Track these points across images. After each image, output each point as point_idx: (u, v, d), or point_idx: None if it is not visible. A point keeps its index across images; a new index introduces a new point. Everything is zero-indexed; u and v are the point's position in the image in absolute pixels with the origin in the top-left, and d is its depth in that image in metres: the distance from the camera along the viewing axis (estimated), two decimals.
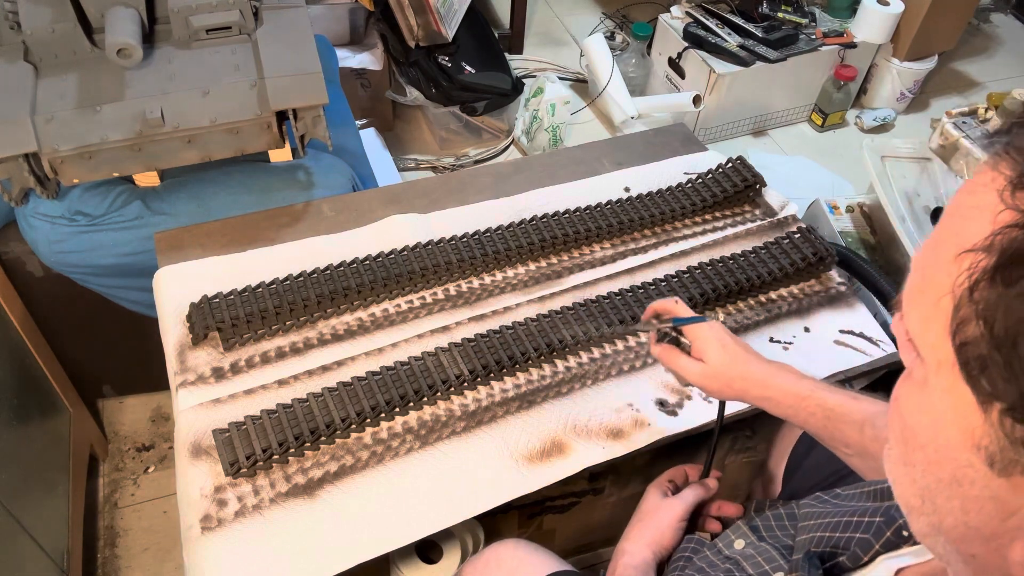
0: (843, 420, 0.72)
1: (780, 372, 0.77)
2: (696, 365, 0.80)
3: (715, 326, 0.81)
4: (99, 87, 1.02)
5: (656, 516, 0.82)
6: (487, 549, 0.90)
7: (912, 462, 0.40)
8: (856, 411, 0.72)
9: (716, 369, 0.78)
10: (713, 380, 0.79)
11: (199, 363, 0.98)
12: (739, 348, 0.79)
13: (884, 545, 0.57)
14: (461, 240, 1.13)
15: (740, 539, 0.70)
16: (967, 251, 0.34)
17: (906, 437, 0.40)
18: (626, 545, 0.81)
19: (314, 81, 1.06)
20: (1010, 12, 2.98)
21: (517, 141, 2.24)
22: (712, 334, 0.80)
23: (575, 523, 1.19)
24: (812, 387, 0.75)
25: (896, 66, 2.33)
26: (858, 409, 0.72)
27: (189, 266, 1.09)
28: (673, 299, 0.84)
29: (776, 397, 0.76)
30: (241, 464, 0.86)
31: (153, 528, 1.44)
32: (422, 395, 0.95)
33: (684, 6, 2.26)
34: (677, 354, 0.82)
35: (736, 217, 1.26)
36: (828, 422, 0.73)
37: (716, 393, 0.81)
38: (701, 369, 0.79)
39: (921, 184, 1.58)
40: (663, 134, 1.43)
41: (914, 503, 0.41)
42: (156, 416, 1.61)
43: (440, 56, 1.99)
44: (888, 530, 0.57)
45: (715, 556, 0.70)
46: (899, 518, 0.57)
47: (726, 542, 0.71)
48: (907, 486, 0.41)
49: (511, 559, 0.87)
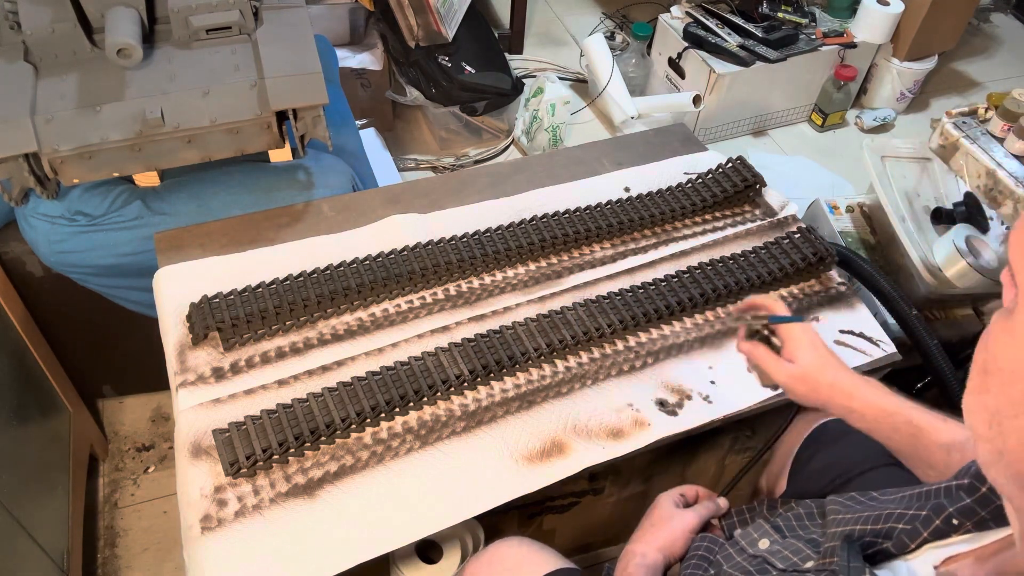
0: (931, 440, 0.72)
1: (868, 385, 0.76)
2: (785, 366, 0.79)
3: (809, 329, 0.80)
4: (99, 87, 1.02)
5: (670, 524, 0.82)
6: (490, 547, 0.90)
7: (987, 388, 0.43)
8: (945, 433, 0.71)
9: (806, 372, 0.77)
10: (801, 383, 0.78)
11: (199, 363, 0.98)
12: (831, 355, 0.79)
13: (933, 533, 0.57)
14: (461, 240, 1.13)
15: (764, 538, 0.70)
16: None
17: (987, 366, 0.43)
18: (637, 547, 0.81)
19: (314, 81, 1.06)
20: (1010, 12, 2.98)
21: (517, 141, 2.24)
22: (806, 337, 0.79)
23: (575, 523, 1.19)
24: (899, 404, 0.74)
25: (896, 66, 2.33)
26: (947, 431, 0.71)
27: (189, 266, 1.09)
28: (772, 296, 0.84)
29: (861, 409, 0.75)
30: (241, 464, 0.86)
31: (153, 528, 1.44)
32: (422, 395, 0.95)
33: (684, 6, 2.26)
34: (767, 352, 0.81)
35: (736, 217, 1.26)
36: (915, 440, 0.72)
37: (801, 397, 0.80)
38: (790, 371, 0.78)
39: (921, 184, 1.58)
40: (663, 134, 1.43)
41: (982, 430, 0.43)
42: (156, 416, 1.61)
43: (440, 56, 1.99)
44: (938, 518, 0.57)
45: (739, 555, 0.70)
46: (949, 506, 0.57)
47: (749, 540, 0.70)
48: (979, 413, 0.44)
49: (514, 556, 0.88)
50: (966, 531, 0.56)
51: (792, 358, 0.79)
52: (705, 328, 1.09)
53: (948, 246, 1.39)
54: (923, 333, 1.14)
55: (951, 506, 0.57)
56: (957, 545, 0.56)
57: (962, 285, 1.37)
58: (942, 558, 0.56)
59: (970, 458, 0.68)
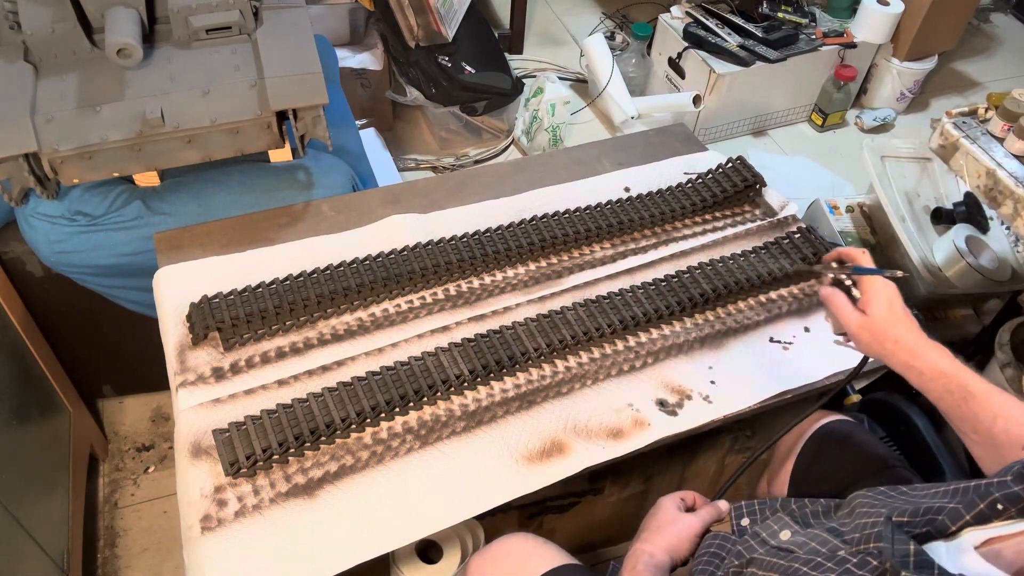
0: (980, 406, 0.74)
1: (931, 347, 0.79)
2: (857, 314, 0.82)
3: (890, 285, 0.83)
4: (99, 87, 1.02)
5: (676, 526, 0.83)
6: (496, 541, 0.90)
7: None
8: (996, 402, 0.74)
9: (875, 323, 0.81)
10: (867, 332, 0.81)
11: (199, 363, 0.98)
12: (903, 313, 0.81)
13: (976, 517, 0.58)
14: (461, 240, 1.13)
15: (785, 529, 0.71)
16: None
17: None
18: (645, 547, 0.81)
19: (314, 81, 1.06)
20: (1010, 12, 2.98)
21: (517, 141, 2.24)
22: (885, 292, 0.82)
23: (575, 523, 1.19)
24: (958, 368, 0.77)
25: (896, 66, 2.34)
26: (998, 401, 0.74)
27: (189, 266, 1.09)
28: (861, 249, 0.87)
29: (919, 367, 0.78)
30: (241, 464, 0.86)
31: (153, 528, 1.44)
32: (422, 395, 0.95)
33: (684, 6, 2.26)
34: (843, 300, 0.84)
35: (736, 217, 1.26)
36: (964, 403, 0.75)
37: (865, 346, 0.83)
38: (861, 319, 0.82)
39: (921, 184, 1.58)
40: (663, 134, 1.43)
41: None
42: (156, 416, 1.61)
43: (440, 56, 1.99)
44: (982, 502, 0.58)
45: (761, 547, 0.70)
46: (995, 492, 0.58)
47: (769, 532, 0.71)
48: None
49: (520, 551, 0.88)
50: (1009, 517, 0.57)
51: (866, 308, 0.82)
52: (705, 328, 1.09)
53: (948, 246, 1.39)
54: None
55: (997, 492, 0.58)
56: (998, 528, 0.56)
57: (962, 285, 1.37)
58: (983, 539, 0.56)
59: (1015, 430, 0.71)
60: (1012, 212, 1.18)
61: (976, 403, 0.74)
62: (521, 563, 0.87)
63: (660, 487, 1.23)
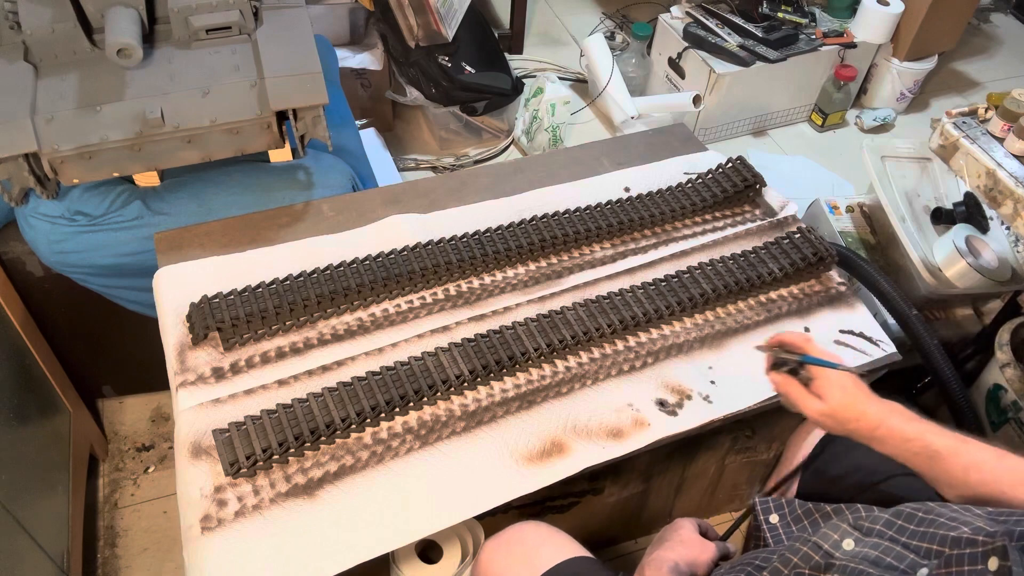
0: (948, 463, 0.75)
1: (892, 413, 0.80)
2: (815, 403, 0.82)
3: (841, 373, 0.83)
4: (99, 87, 1.02)
5: (696, 547, 0.84)
6: (510, 528, 0.90)
7: None
8: (963, 454, 0.75)
9: (835, 411, 0.81)
10: (829, 419, 0.82)
11: (199, 363, 0.98)
12: (858, 390, 0.82)
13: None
14: (461, 240, 1.13)
15: (848, 539, 0.70)
16: None
17: None
18: (669, 554, 0.82)
19: (314, 81, 1.06)
20: (1010, 12, 2.98)
21: (517, 141, 2.24)
22: (836, 378, 0.82)
23: (575, 523, 1.19)
24: (920, 430, 0.78)
25: (896, 66, 2.33)
26: (965, 452, 0.75)
27: (189, 266, 1.09)
28: (805, 335, 0.87)
29: (884, 437, 0.79)
30: (241, 464, 0.86)
31: (153, 528, 1.44)
32: (422, 395, 0.95)
33: (684, 6, 2.26)
34: (797, 387, 0.84)
35: (736, 217, 1.26)
36: (932, 463, 0.76)
37: (829, 430, 0.84)
38: (820, 407, 0.82)
39: (921, 184, 1.58)
40: (663, 134, 1.43)
41: None
42: (156, 416, 1.61)
43: (440, 56, 1.99)
44: None
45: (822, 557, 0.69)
46: None
47: (831, 543, 0.70)
48: None
49: (534, 537, 0.88)
50: None
51: (821, 395, 0.82)
52: (705, 328, 1.09)
53: (948, 246, 1.39)
54: (923, 333, 1.14)
55: None
56: None
57: (962, 285, 1.37)
58: None
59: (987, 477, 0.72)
60: (1012, 212, 1.18)
61: (943, 461, 0.75)
62: (534, 549, 0.87)
63: (660, 487, 1.23)
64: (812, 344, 0.85)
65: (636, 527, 1.36)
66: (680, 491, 1.28)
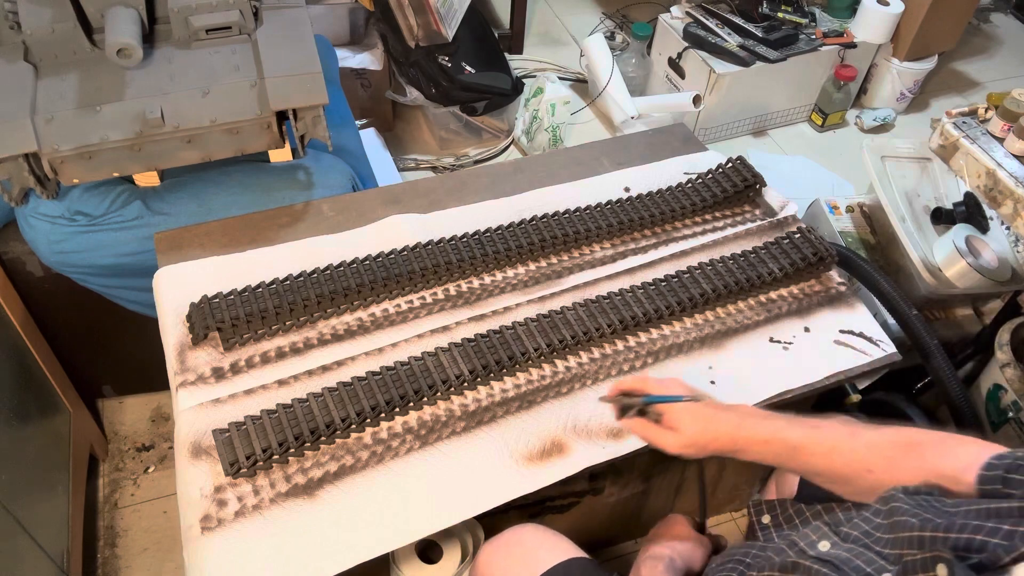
0: (809, 453, 0.75)
1: (745, 421, 0.80)
2: (672, 437, 0.82)
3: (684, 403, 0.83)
4: (99, 87, 1.02)
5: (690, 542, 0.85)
6: (507, 531, 0.91)
7: None
8: (821, 440, 0.75)
9: (692, 439, 0.81)
10: (690, 448, 0.82)
11: (199, 363, 0.98)
12: (707, 410, 0.82)
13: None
14: (461, 240, 1.13)
15: (824, 540, 0.71)
16: None
17: None
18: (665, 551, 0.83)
19: (314, 81, 1.06)
20: (1010, 12, 2.98)
21: (517, 141, 2.24)
22: (682, 408, 0.82)
23: (575, 523, 1.19)
24: (775, 428, 0.78)
25: (896, 66, 2.33)
26: (822, 438, 0.75)
27: (189, 266, 1.09)
28: (641, 377, 0.86)
29: (745, 447, 0.80)
30: (241, 464, 0.86)
31: (153, 528, 1.44)
32: (422, 395, 0.95)
33: (684, 6, 2.26)
34: (650, 427, 0.84)
35: (736, 217, 1.26)
36: (797, 458, 0.76)
37: (694, 456, 0.84)
38: (678, 440, 0.82)
39: (921, 184, 1.58)
40: (663, 134, 1.43)
41: None
42: (156, 416, 1.61)
43: (440, 56, 1.99)
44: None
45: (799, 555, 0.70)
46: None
47: (807, 542, 0.71)
48: None
49: (531, 540, 0.89)
50: None
51: (674, 427, 0.82)
52: (705, 328, 1.09)
53: (948, 246, 1.39)
54: (923, 333, 1.14)
55: None
56: None
57: (962, 285, 1.37)
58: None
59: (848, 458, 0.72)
60: (1012, 212, 1.18)
61: (804, 453, 0.75)
62: (532, 552, 0.87)
63: (660, 487, 1.23)
64: (650, 382, 0.85)
65: (636, 527, 1.36)
66: (680, 491, 1.28)
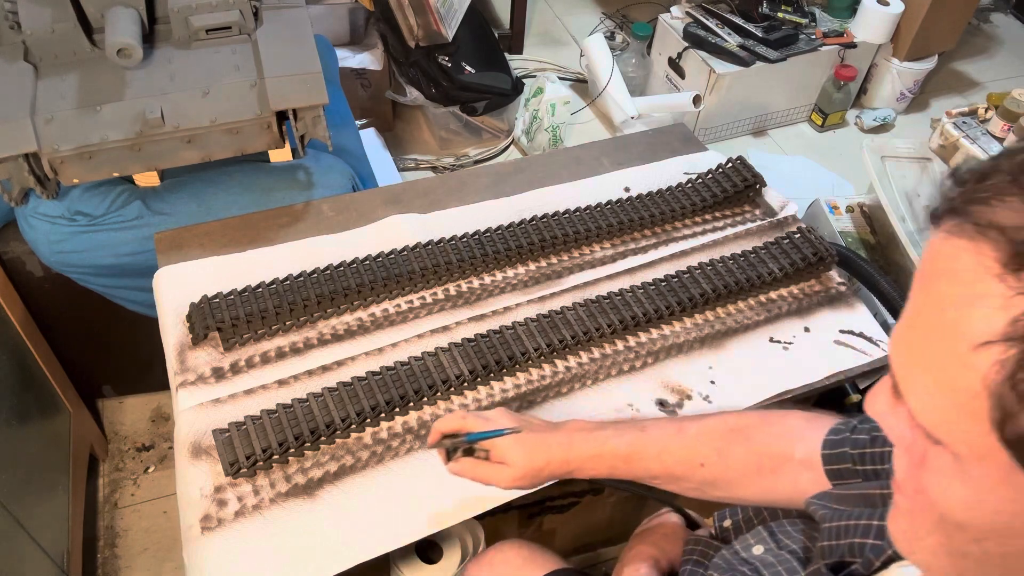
0: (640, 458, 0.75)
1: (573, 439, 0.78)
2: (503, 472, 0.80)
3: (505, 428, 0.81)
4: (99, 87, 1.02)
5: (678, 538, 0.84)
6: (490, 549, 0.90)
7: (966, 553, 0.39)
8: (648, 444, 0.75)
9: (523, 470, 0.79)
10: (521, 481, 0.80)
11: (199, 363, 0.98)
12: (533, 437, 0.80)
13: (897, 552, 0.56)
14: (461, 240, 1.13)
15: (759, 544, 0.70)
16: (986, 343, 0.33)
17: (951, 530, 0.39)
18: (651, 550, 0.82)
19: (314, 81, 1.06)
20: (1010, 12, 2.98)
21: (517, 141, 2.24)
22: (506, 440, 0.80)
23: (575, 523, 1.19)
24: (603, 440, 0.77)
25: (896, 66, 2.34)
26: (651, 441, 0.75)
27: (189, 266, 1.09)
28: (460, 415, 0.84)
29: (579, 466, 0.78)
30: (241, 464, 0.86)
31: (153, 528, 1.44)
32: (422, 395, 0.95)
33: (684, 6, 2.26)
34: (480, 466, 0.82)
35: (736, 217, 1.26)
36: (632, 467, 0.76)
37: (529, 488, 0.82)
38: (508, 474, 0.80)
39: (921, 184, 1.58)
40: (663, 134, 1.43)
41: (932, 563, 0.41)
42: (156, 416, 1.61)
43: (440, 56, 1.99)
44: None
45: (732, 557, 0.70)
46: None
47: (743, 544, 0.71)
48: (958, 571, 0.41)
49: (515, 558, 0.88)
50: None
51: (504, 461, 0.80)
52: (705, 328, 1.09)
53: None
54: None
55: None
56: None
57: None
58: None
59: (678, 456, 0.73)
60: None
61: (637, 461, 0.74)
62: (517, 569, 0.87)
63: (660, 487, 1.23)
64: (470, 419, 0.83)
65: (636, 528, 1.36)
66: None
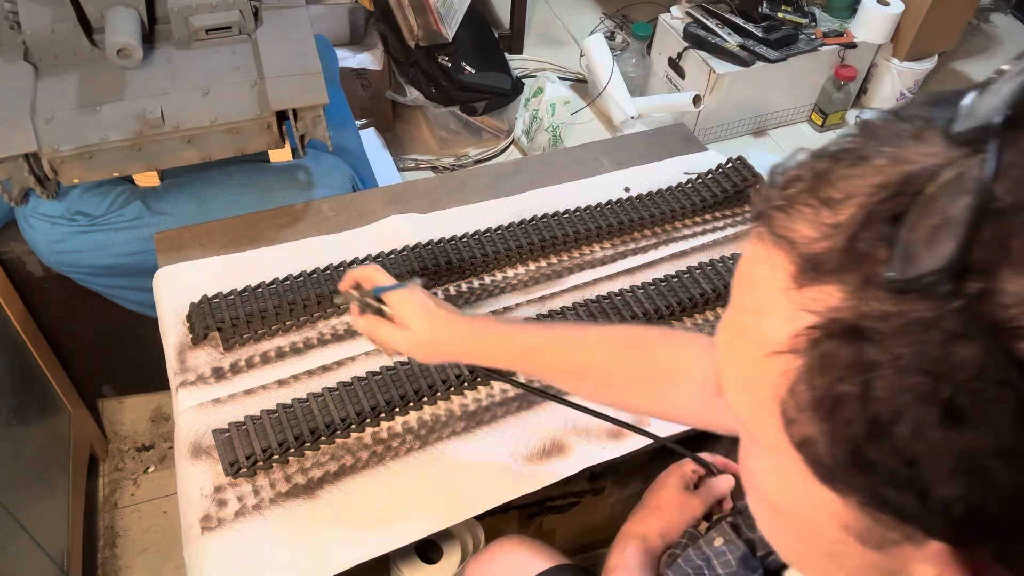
0: (541, 353, 0.73)
1: (480, 323, 0.76)
2: (401, 334, 0.76)
3: (416, 291, 0.77)
4: (99, 87, 1.02)
5: (676, 512, 0.80)
6: (491, 545, 0.90)
7: (784, 530, 0.39)
8: (549, 340, 0.72)
9: (420, 336, 0.75)
10: (419, 347, 0.76)
11: (199, 363, 0.98)
12: (442, 311, 0.76)
13: None
14: (461, 240, 1.13)
15: (720, 536, 0.69)
16: (775, 352, 0.32)
17: (770, 508, 0.38)
18: (637, 528, 0.78)
19: (314, 81, 1.06)
20: (1010, 12, 2.98)
21: (517, 141, 2.24)
22: (414, 299, 0.76)
23: (575, 523, 1.19)
24: (509, 331, 0.74)
25: (896, 66, 2.34)
26: (551, 338, 0.73)
27: (189, 266, 1.09)
28: (373, 266, 0.80)
29: (480, 350, 0.75)
30: (241, 464, 0.86)
31: (153, 528, 1.44)
32: (422, 395, 0.95)
33: (684, 6, 2.26)
34: (381, 324, 0.77)
35: (736, 217, 1.26)
36: (528, 358, 0.73)
37: (425, 359, 0.79)
38: (408, 338, 0.76)
39: None
40: (663, 134, 1.43)
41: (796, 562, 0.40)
42: (156, 416, 1.61)
43: (440, 56, 1.99)
44: None
45: (695, 552, 0.70)
46: None
47: (707, 538, 0.70)
48: (785, 550, 0.40)
49: (516, 554, 0.88)
50: None
51: (408, 326, 0.76)
52: (705, 328, 1.08)
53: None
54: None
55: None
56: None
57: None
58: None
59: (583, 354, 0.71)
60: None
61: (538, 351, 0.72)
62: (517, 566, 0.87)
63: None
64: (381, 273, 0.78)
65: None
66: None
